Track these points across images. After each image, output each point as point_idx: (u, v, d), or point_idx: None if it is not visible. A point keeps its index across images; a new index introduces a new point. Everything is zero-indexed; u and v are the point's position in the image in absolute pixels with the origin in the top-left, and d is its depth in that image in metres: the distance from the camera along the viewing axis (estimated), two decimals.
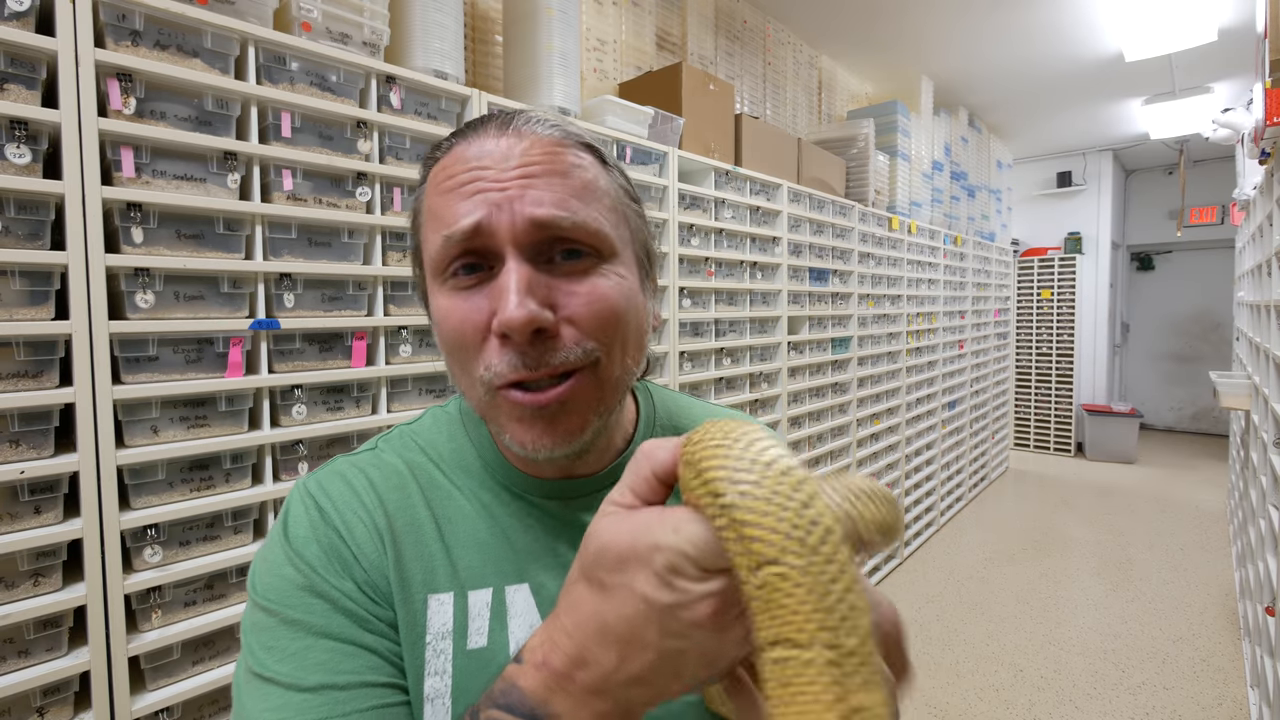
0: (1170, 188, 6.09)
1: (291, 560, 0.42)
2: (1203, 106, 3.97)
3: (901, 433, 3.33)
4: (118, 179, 1.02)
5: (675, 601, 0.27)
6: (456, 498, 0.48)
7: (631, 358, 0.44)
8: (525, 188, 0.40)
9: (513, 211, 0.39)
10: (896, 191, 3.23)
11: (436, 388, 1.43)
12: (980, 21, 3.13)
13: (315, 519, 0.44)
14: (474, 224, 0.39)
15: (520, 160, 0.40)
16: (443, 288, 0.42)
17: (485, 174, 0.40)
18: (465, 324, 0.41)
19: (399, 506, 0.46)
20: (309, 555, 0.42)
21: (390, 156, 1.35)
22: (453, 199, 0.41)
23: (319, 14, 1.25)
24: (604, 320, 0.41)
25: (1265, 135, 1.71)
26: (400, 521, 0.45)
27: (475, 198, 0.40)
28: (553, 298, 0.40)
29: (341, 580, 0.42)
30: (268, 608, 0.41)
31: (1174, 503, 4.26)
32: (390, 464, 0.48)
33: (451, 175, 0.42)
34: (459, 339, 0.41)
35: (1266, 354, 2.01)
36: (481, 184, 0.40)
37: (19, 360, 0.93)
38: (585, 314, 0.40)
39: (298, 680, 0.38)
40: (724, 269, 2.19)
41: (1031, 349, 5.76)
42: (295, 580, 0.41)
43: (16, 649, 0.93)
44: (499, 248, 0.40)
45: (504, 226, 0.39)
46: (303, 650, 0.39)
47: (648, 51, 2.32)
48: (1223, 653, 2.45)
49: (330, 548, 0.42)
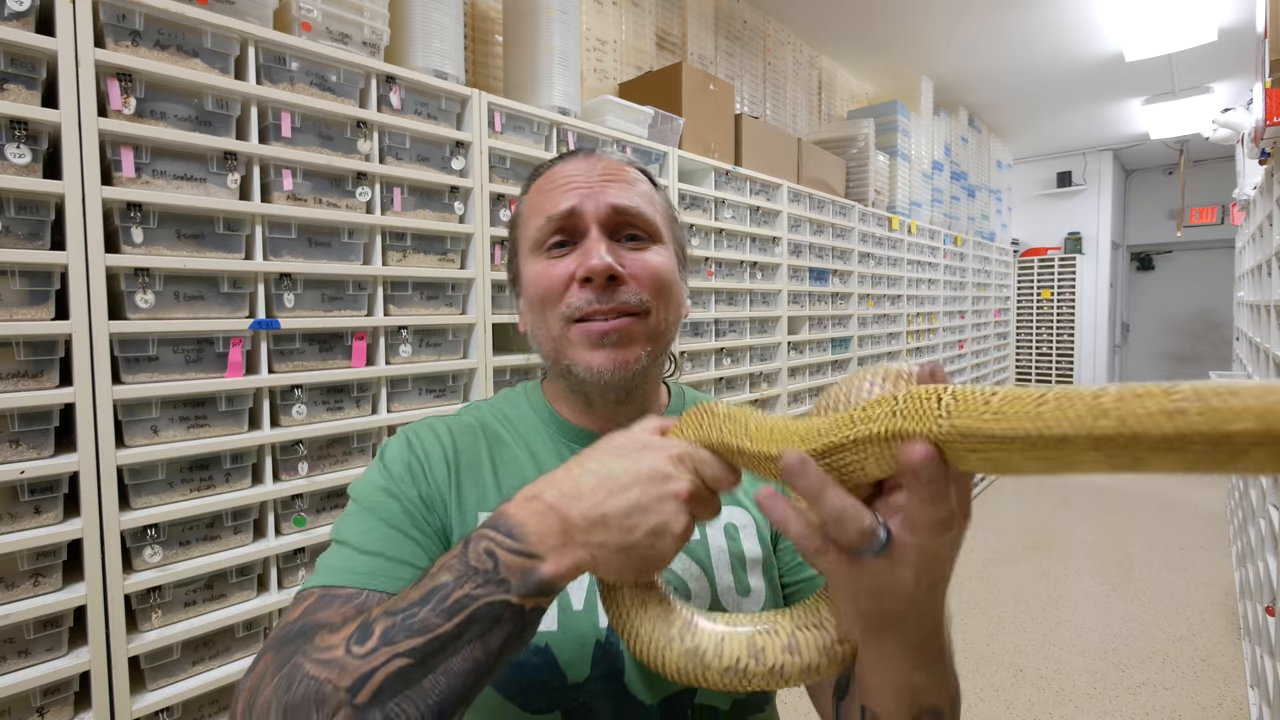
0: (1170, 188, 6.09)
1: (381, 471, 0.55)
2: (1203, 106, 3.97)
3: None
4: (118, 179, 1.02)
5: (669, 473, 0.39)
6: (514, 449, 0.61)
7: (672, 316, 0.59)
8: (605, 185, 0.57)
9: (597, 200, 0.56)
10: (896, 191, 3.23)
11: (437, 388, 1.43)
12: (980, 22, 3.13)
13: (404, 446, 0.57)
14: (570, 207, 0.56)
15: (601, 171, 0.59)
16: (538, 258, 0.58)
17: (576, 178, 0.58)
18: (555, 277, 0.56)
19: (466, 448, 0.59)
20: (393, 469, 0.55)
21: (390, 156, 1.35)
22: (554, 194, 0.57)
23: (319, 14, 1.25)
24: (655, 280, 0.57)
25: (1265, 135, 1.71)
26: (465, 460, 0.58)
27: (571, 192, 0.57)
28: (621, 259, 0.56)
29: (410, 489, 0.54)
30: (356, 499, 0.54)
31: (1174, 503, 4.26)
32: (467, 422, 0.62)
33: (552, 181, 0.59)
34: (550, 287, 0.56)
35: (1267, 354, 2.01)
36: (574, 183, 0.57)
37: (19, 360, 0.93)
38: (643, 273, 0.56)
39: (361, 545, 0.49)
40: (724, 269, 2.19)
41: (1031, 349, 5.76)
42: (379, 483, 0.54)
43: (16, 649, 0.93)
44: (586, 225, 0.56)
45: (590, 210, 0.56)
46: (370, 528, 0.51)
47: (648, 51, 2.32)
48: (1223, 653, 2.45)
49: (408, 466, 0.56)
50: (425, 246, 1.40)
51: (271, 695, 0.36)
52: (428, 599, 0.36)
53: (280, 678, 0.36)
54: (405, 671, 0.35)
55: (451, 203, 1.44)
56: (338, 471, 1.27)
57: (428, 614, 0.36)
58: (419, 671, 0.35)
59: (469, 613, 0.36)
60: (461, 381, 1.47)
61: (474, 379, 1.48)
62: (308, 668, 0.36)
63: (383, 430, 1.33)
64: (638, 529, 0.37)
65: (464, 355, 1.48)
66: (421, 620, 0.36)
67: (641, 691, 0.53)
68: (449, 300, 1.45)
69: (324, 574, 0.48)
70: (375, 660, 0.35)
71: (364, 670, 0.35)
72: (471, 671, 0.36)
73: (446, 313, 1.44)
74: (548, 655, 0.51)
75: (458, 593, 0.36)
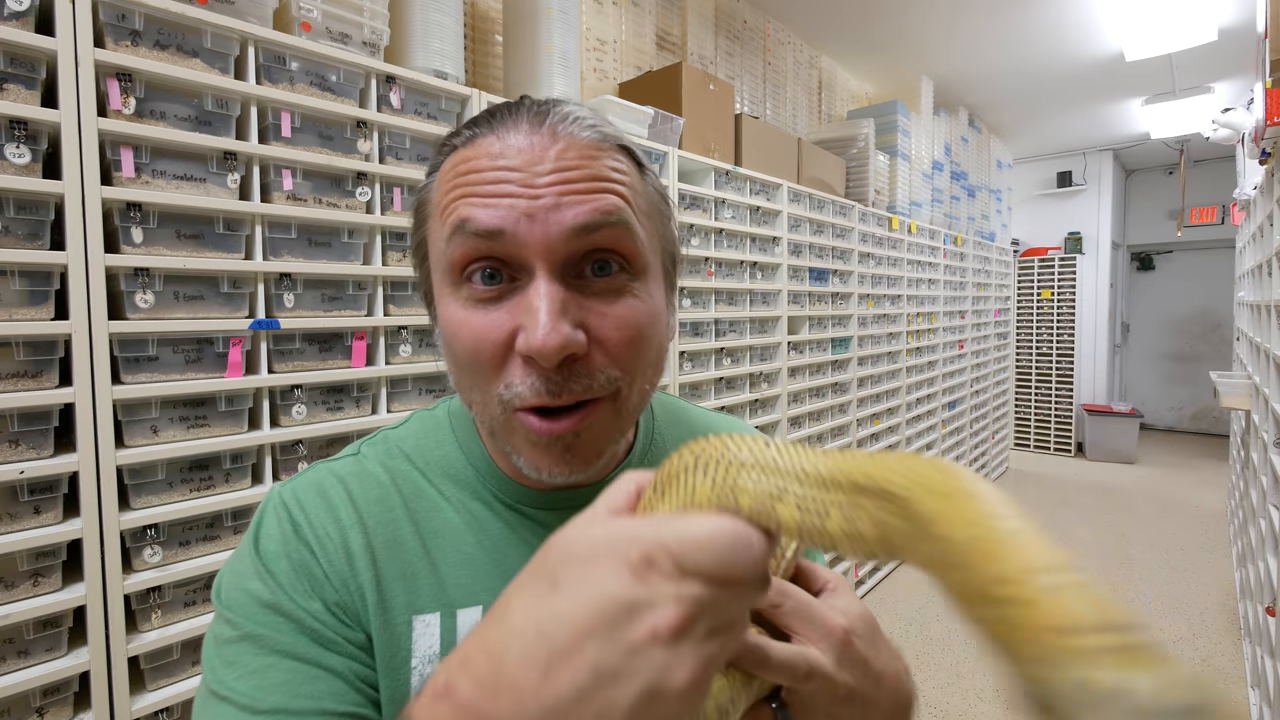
0: (1170, 188, 6.09)
1: (259, 574, 0.40)
2: (1203, 106, 3.97)
3: (901, 433, 3.33)
4: (117, 179, 1.02)
5: (637, 598, 0.23)
6: (444, 509, 0.45)
7: (650, 383, 0.43)
8: (561, 195, 0.36)
9: (546, 222, 0.36)
10: (896, 191, 3.23)
11: (436, 388, 1.43)
12: (980, 22, 3.13)
13: (288, 532, 0.42)
14: (497, 227, 0.36)
15: (555, 165, 0.37)
16: (455, 294, 0.39)
17: (514, 176, 0.36)
18: (484, 341, 0.38)
19: (380, 522, 0.43)
20: (278, 571, 0.40)
21: (390, 156, 1.35)
22: (473, 197, 0.37)
23: (319, 14, 1.25)
24: (631, 347, 0.39)
25: (1265, 135, 1.71)
26: (380, 538, 0.43)
27: (503, 201, 0.36)
28: (584, 318, 0.37)
29: (309, 600, 0.39)
30: (231, 620, 0.39)
31: (1174, 503, 4.26)
32: (372, 474, 0.45)
33: (475, 169, 0.37)
34: (475, 356, 0.38)
35: (1267, 354, 2.01)
36: (510, 187, 0.36)
37: (19, 360, 0.93)
38: (615, 339, 0.38)
39: (254, 701, 0.36)
40: (724, 269, 2.19)
41: (1031, 349, 5.76)
42: (261, 595, 0.39)
43: (16, 649, 0.93)
44: (528, 261, 0.37)
45: (536, 239, 0.36)
46: (263, 669, 0.37)
47: (648, 51, 2.32)
48: (1223, 653, 2.45)
49: (300, 565, 0.40)
50: None
51: None
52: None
53: None
54: None
55: None
56: None
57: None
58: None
59: None
60: None
61: None
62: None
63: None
64: (615, 708, 0.22)
65: None
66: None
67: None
68: None
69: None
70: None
71: None
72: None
73: None
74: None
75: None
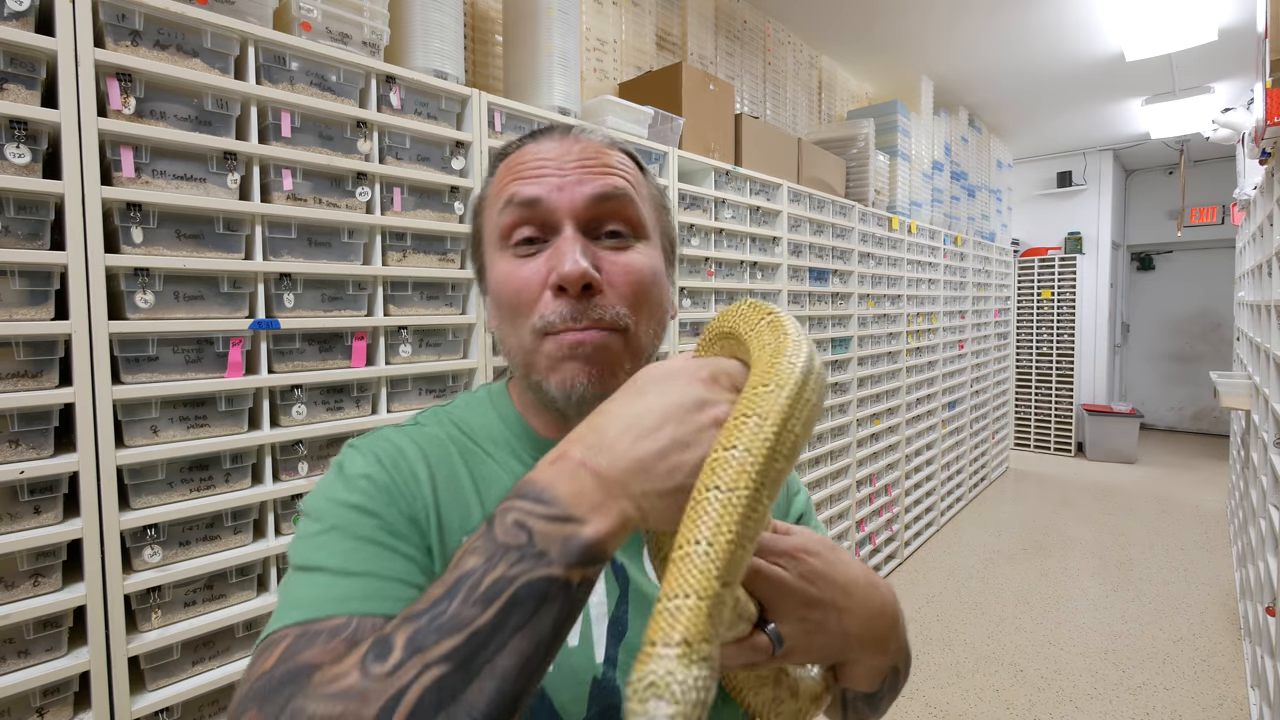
0: (1170, 188, 6.09)
1: (346, 486, 0.47)
2: (1203, 106, 3.97)
3: (901, 433, 3.33)
4: (117, 179, 1.02)
5: (704, 398, 0.35)
6: (490, 464, 0.53)
7: (655, 327, 0.52)
8: (583, 173, 0.49)
9: (572, 192, 0.49)
10: (896, 191, 3.22)
11: (436, 388, 1.43)
12: (980, 22, 3.13)
13: (369, 459, 0.49)
14: (538, 196, 0.48)
15: (578, 157, 0.50)
16: (503, 254, 0.51)
17: (548, 164, 0.50)
18: (526, 282, 0.48)
19: (440, 462, 0.51)
20: (362, 484, 0.47)
21: (390, 156, 1.35)
22: (522, 180, 0.50)
23: (319, 14, 1.25)
24: (636, 287, 0.49)
25: (1265, 135, 1.71)
26: (441, 475, 0.50)
27: (541, 179, 0.49)
28: (599, 263, 0.48)
29: (388, 508, 0.46)
30: (319, 519, 0.45)
31: (1174, 503, 4.26)
32: (431, 433, 0.53)
33: (520, 162, 0.51)
34: (518, 294, 0.49)
35: (1267, 354, 2.01)
36: (545, 171, 0.49)
37: (19, 360, 0.93)
38: (622, 280, 0.49)
39: (345, 567, 0.41)
40: (724, 269, 2.19)
41: (1031, 349, 5.76)
42: (348, 500, 0.46)
43: (16, 649, 0.93)
44: (558, 221, 0.49)
45: (563, 204, 0.49)
46: (350, 549, 0.43)
47: (648, 51, 2.32)
48: (1223, 653, 2.45)
49: (379, 482, 0.47)
50: (425, 246, 1.40)
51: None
52: (454, 591, 0.31)
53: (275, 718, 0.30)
54: (443, 681, 0.29)
55: (451, 203, 1.44)
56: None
57: (458, 607, 0.30)
58: (460, 679, 0.29)
59: (508, 597, 0.30)
60: (461, 381, 1.47)
61: (474, 379, 1.47)
62: (313, 708, 0.29)
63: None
64: (681, 468, 0.33)
65: (464, 355, 1.48)
66: (452, 616, 0.30)
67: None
68: (449, 300, 1.45)
69: (296, 609, 0.39)
70: (404, 676, 0.29)
71: (392, 691, 0.29)
72: (521, 670, 0.30)
73: (446, 313, 1.44)
74: (543, 698, 0.47)
75: (490, 576, 0.31)
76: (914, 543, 3.46)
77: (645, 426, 0.34)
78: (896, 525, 3.27)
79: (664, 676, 0.25)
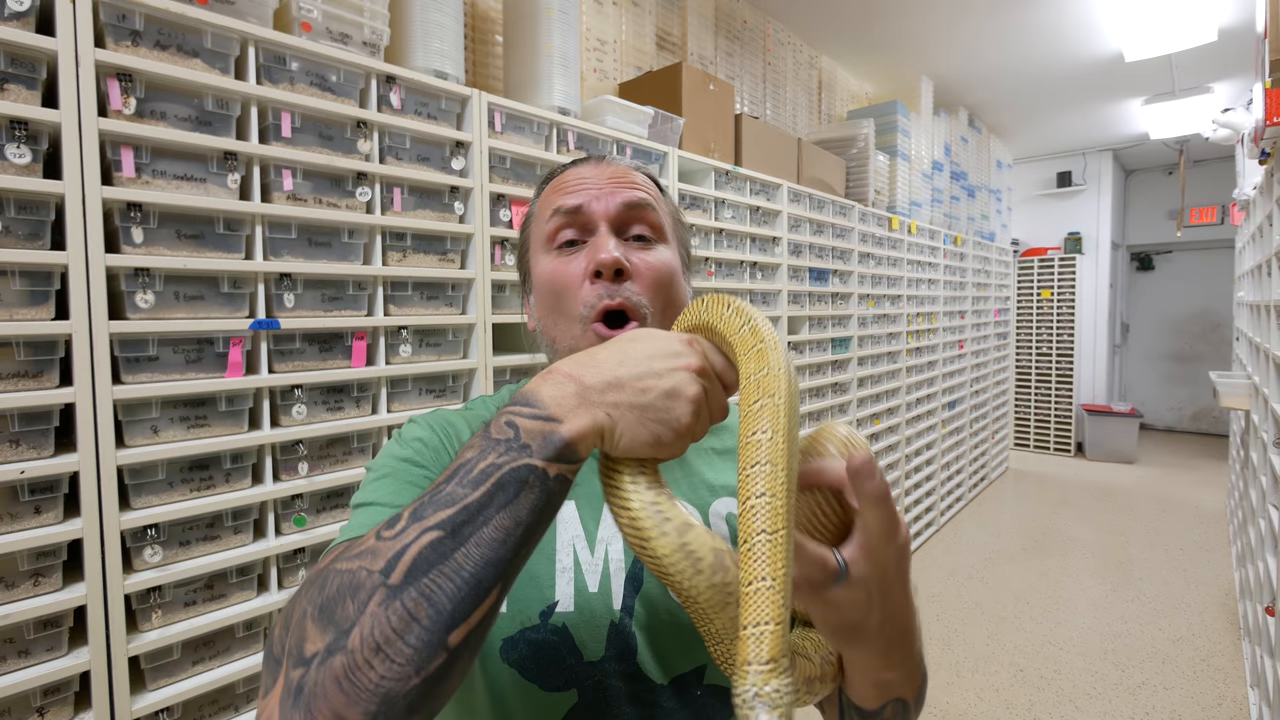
0: (1170, 188, 6.09)
1: (402, 445, 0.56)
2: (1203, 106, 3.97)
3: (901, 433, 3.33)
4: (118, 179, 1.02)
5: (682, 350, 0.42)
6: None
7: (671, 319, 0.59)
8: (615, 187, 0.60)
9: (606, 200, 0.59)
10: (896, 191, 3.23)
11: (436, 388, 1.43)
12: (980, 22, 3.13)
13: (425, 426, 0.58)
14: (580, 204, 0.59)
15: (610, 175, 0.61)
16: (549, 255, 0.60)
17: (587, 181, 0.60)
18: (569, 276, 0.57)
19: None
20: (415, 445, 0.56)
21: (390, 156, 1.35)
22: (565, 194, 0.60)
23: (319, 14, 1.25)
24: (658, 278, 0.58)
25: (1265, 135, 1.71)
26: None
27: (581, 192, 0.60)
28: (628, 255, 0.58)
29: (435, 463, 0.54)
30: (377, 470, 0.54)
31: (1174, 503, 4.26)
32: (479, 415, 0.62)
33: (565, 182, 0.61)
34: (562, 285, 0.57)
35: (1266, 354, 2.01)
36: (586, 184, 0.60)
37: (19, 360, 0.93)
38: (646, 271, 0.58)
39: (389, 501, 0.50)
40: (724, 269, 2.19)
41: (1031, 349, 5.76)
42: (403, 455, 0.54)
43: (16, 649, 0.93)
44: (595, 224, 0.58)
45: (599, 209, 0.59)
46: (398, 489, 0.51)
47: (648, 51, 2.32)
48: (1223, 653, 2.45)
49: (431, 445, 0.56)
50: (425, 246, 1.40)
51: (306, 602, 0.35)
52: (453, 475, 0.37)
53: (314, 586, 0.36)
54: (437, 544, 0.34)
55: (451, 203, 1.44)
56: (338, 471, 1.27)
57: (454, 487, 0.36)
58: (450, 543, 0.34)
59: (494, 480, 0.36)
60: (461, 381, 1.47)
61: (474, 379, 1.48)
62: (340, 565, 0.36)
63: (382, 430, 1.33)
64: (651, 390, 0.39)
65: (464, 355, 1.48)
66: (448, 494, 0.36)
67: (654, 671, 0.55)
68: (449, 300, 1.45)
69: (348, 531, 0.48)
70: (406, 538, 0.34)
71: (395, 549, 0.34)
72: (503, 542, 0.35)
73: (446, 313, 1.44)
74: (565, 635, 0.53)
75: (482, 464, 0.36)
76: (914, 543, 3.46)
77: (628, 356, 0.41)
78: None
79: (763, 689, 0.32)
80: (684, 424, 0.40)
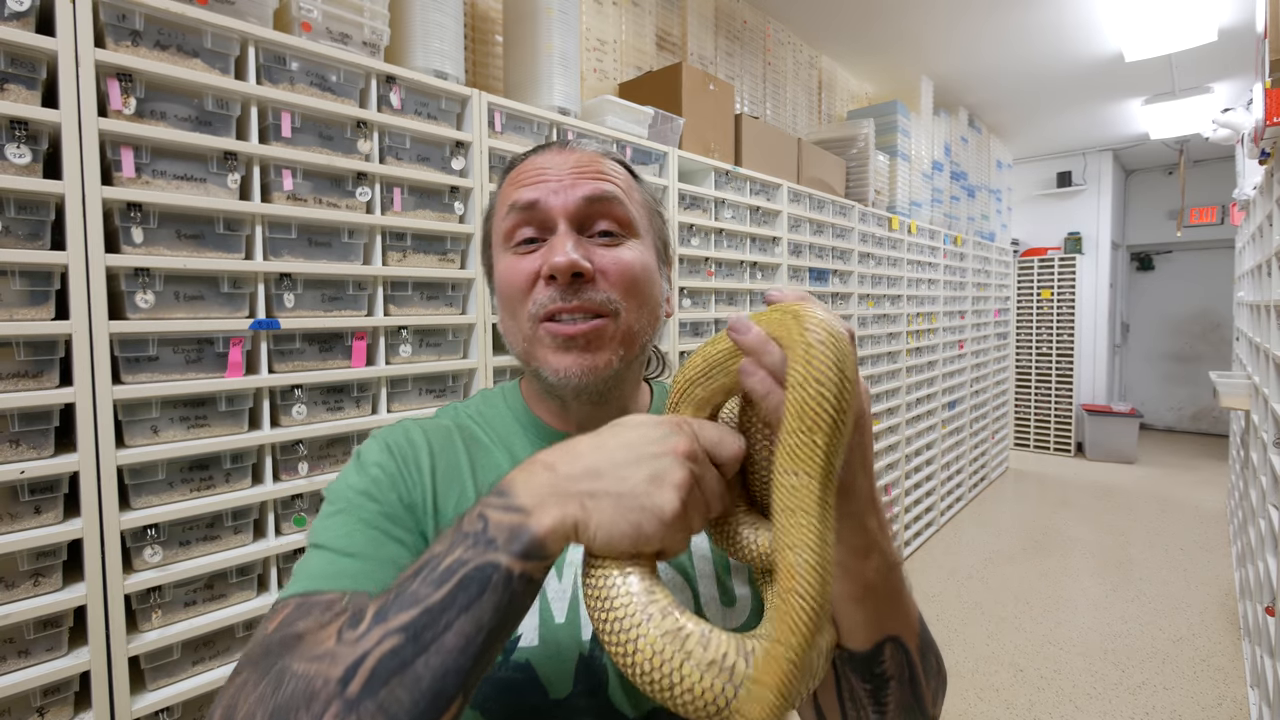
0: (1170, 188, 6.09)
1: (359, 473, 0.53)
2: (1203, 106, 3.97)
3: (901, 433, 3.33)
4: (118, 179, 1.02)
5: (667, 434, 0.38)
6: (493, 452, 0.58)
7: (647, 318, 0.56)
8: (577, 179, 0.55)
9: (565, 195, 0.54)
10: (896, 191, 3.23)
11: (436, 388, 1.43)
12: (980, 22, 3.13)
13: (382, 449, 0.55)
14: (534, 199, 0.54)
15: (572, 164, 0.55)
16: (506, 252, 0.56)
17: (546, 172, 0.55)
18: (522, 273, 0.54)
19: (442, 451, 0.57)
20: (373, 472, 0.53)
21: (390, 156, 1.35)
22: (522, 187, 0.55)
23: (319, 14, 1.25)
24: (626, 278, 0.54)
25: (1265, 135, 1.71)
26: (441, 464, 0.56)
27: (539, 185, 0.54)
28: (590, 255, 0.53)
29: (389, 494, 0.52)
30: (333, 502, 0.52)
31: (1174, 503, 4.26)
32: (443, 425, 0.60)
33: (524, 173, 0.56)
34: (516, 284, 0.54)
35: (1266, 354, 2.01)
36: (545, 175, 0.55)
37: (19, 360, 0.93)
38: (612, 270, 0.53)
39: (341, 547, 0.47)
40: (724, 269, 2.19)
41: (1031, 349, 5.76)
42: (357, 486, 0.52)
43: (16, 649, 0.93)
44: (554, 221, 0.54)
45: (558, 205, 0.54)
46: (351, 531, 0.48)
47: (648, 51, 2.32)
48: (1223, 653, 2.45)
49: (388, 471, 0.53)
50: (425, 246, 1.40)
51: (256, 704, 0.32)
52: (420, 571, 0.34)
53: (266, 683, 0.33)
54: (397, 650, 0.32)
55: (451, 203, 1.44)
56: (338, 471, 1.27)
57: (419, 585, 0.33)
58: (411, 650, 0.32)
59: (458, 579, 0.33)
60: (461, 381, 1.47)
61: (474, 379, 1.48)
62: (296, 666, 0.33)
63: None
64: (631, 477, 0.36)
65: (464, 355, 1.48)
66: (412, 593, 0.33)
67: (625, 705, 0.51)
68: (449, 300, 1.45)
69: (301, 580, 0.45)
70: (368, 642, 0.32)
71: (356, 655, 0.32)
72: (463, 650, 0.32)
73: (446, 313, 1.44)
74: (529, 672, 0.50)
75: (448, 559, 0.34)
76: (914, 543, 3.46)
77: (610, 445, 0.38)
78: (896, 525, 3.27)
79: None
80: (668, 512, 0.36)
